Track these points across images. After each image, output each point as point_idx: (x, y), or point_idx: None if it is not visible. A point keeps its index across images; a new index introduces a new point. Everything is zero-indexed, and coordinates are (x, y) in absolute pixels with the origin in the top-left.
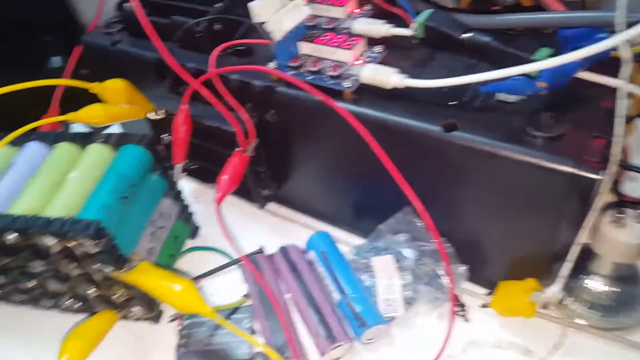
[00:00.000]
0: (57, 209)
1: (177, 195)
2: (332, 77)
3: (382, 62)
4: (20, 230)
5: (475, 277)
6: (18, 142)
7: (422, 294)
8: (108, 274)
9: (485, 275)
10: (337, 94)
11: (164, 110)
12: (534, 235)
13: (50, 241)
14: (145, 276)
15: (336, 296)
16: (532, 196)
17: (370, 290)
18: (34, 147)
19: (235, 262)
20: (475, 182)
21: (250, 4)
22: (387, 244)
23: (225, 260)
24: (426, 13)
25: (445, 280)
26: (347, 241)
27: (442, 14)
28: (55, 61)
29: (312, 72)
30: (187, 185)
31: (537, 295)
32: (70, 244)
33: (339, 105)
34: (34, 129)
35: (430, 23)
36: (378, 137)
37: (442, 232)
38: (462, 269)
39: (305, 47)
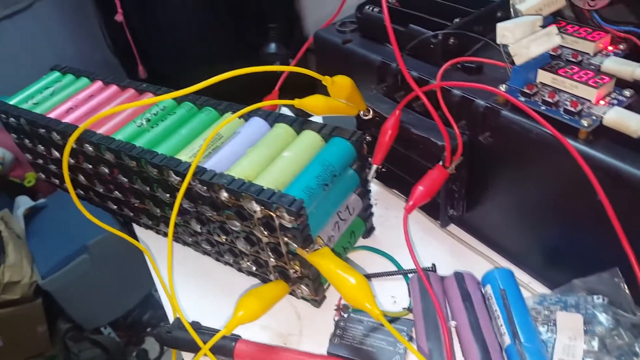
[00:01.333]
0: (267, 180)
1: (365, 193)
2: (568, 112)
3: (629, 107)
4: (235, 192)
5: None
6: (245, 115)
7: None
8: (294, 249)
9: None
10: (571, 131)
11: (372, 112)
12: None
13: (256, 207)
14: (325, 261)
15: (507, 340)
16: None
17: (545, 344)
18: (257, 122)
19: (407, 271)
20: None
21: (499, 25)
22: (579, 302)
23: (392, 268)
24: None
25: None
26: (528, 286)
27: None
28: (272, 47)
29: (547, 103)
30: (370, 187)
31: None
32: (272, 214)
33: (571, 142)
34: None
35: None
36: (607, 186)
37: None
38: None
39: (544, 76)
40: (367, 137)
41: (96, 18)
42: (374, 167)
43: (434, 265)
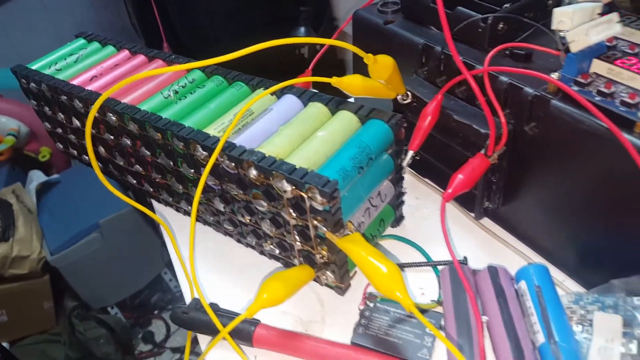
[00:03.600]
0: (300, 160)
1: (398, 180)
2: (625, 104)
3: None
4: (265, 169)
5: None
6: (277, 92)
7: None
8: (322, 233)
9: None
10: (626, 124)
11: (411, 96)
12: None
13: (287, 187)
14: (356, 246)
15: (541, 338)
16: None
17: (580, 344)
18: (290, 99)
19: (438, 263)
20: None
21: (557, 10)
22: (617, 303)
23: (420, 259)
24: None
25: None
26: (562, 284)
27: None
28: (301, 31)
29: (602, 94)
30: None
31: None
32: (303, 195)
33: (626, 136)
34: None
35: None
36: None
37: None
38: None
39: (599, 66)
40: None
41: None
42: (410, 153)
43: (465, 258)
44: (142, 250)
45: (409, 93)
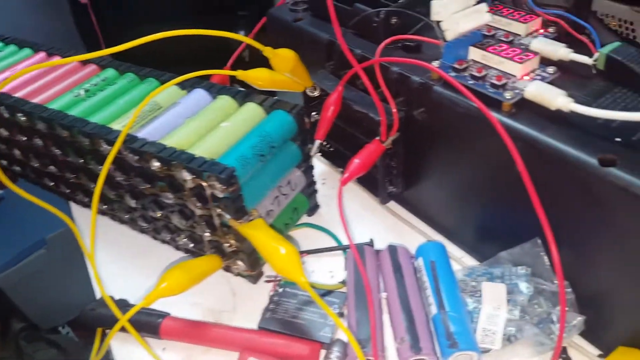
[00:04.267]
0: (201, 150)
1: (308, 169)
2: (494, 85)
3: (552, 83)
4: (165, 160)
5: (590, 333)
6: (188, 87)
7: (527, 335)
8: (226, 221)
9: (602, 334)
10: (495, 104)
11: (319, 89)
12: None
13: (187, 176)
14: (257, 231)
15: (433, 309)
16: None
17: (471, 314)
18: (199, 93)
19: (343, 247)
20: (622, 228)
21: (433, 2)
22: (504, 273)
23: (334, 244)
24: (613, 45)
25: (556, 327)
26: (461, 260)
27: (630, 50)
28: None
29: (475, 78)
30: (318, 166)
31: None
32: (203, 183)
33: (493, 114)
34: (205, 79)
35: (615, 55)
36: (526, 157)
37: (568, 275)
38: (579, 320)
39: (474, 53)
40: (315, 114)
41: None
42: (317, 142)
43: (371, 240)
44: None
45: (316, 86)
